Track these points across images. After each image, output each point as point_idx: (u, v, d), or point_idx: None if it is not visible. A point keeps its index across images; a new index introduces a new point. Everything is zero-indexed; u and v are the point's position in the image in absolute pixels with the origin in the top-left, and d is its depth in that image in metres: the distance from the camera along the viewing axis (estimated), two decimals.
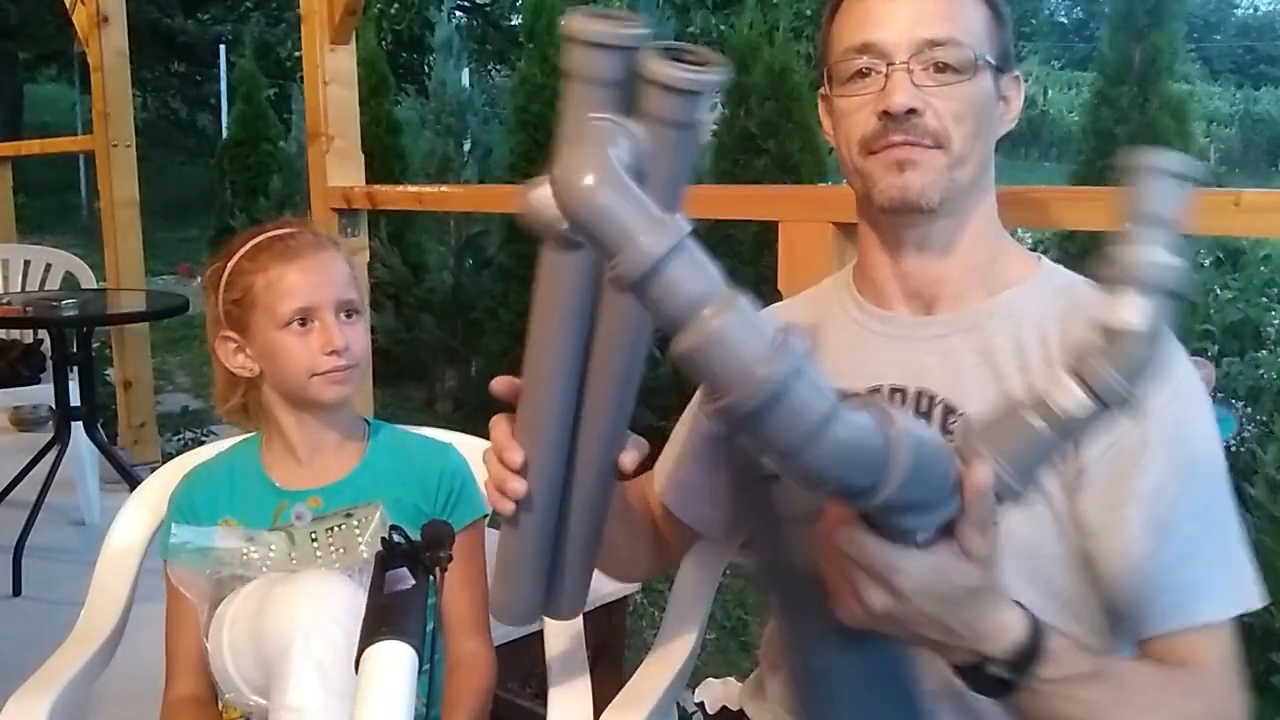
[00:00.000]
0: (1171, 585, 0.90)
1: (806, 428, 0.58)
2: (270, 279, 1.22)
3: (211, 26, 14.77)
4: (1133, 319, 0.74)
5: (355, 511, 1.24)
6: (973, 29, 0.98)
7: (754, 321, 0.58)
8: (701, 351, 0.57)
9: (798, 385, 0.58)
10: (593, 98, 0.74)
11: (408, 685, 0.90)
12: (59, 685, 1.18)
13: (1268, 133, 17.29)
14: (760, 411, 0.58)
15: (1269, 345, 4.40)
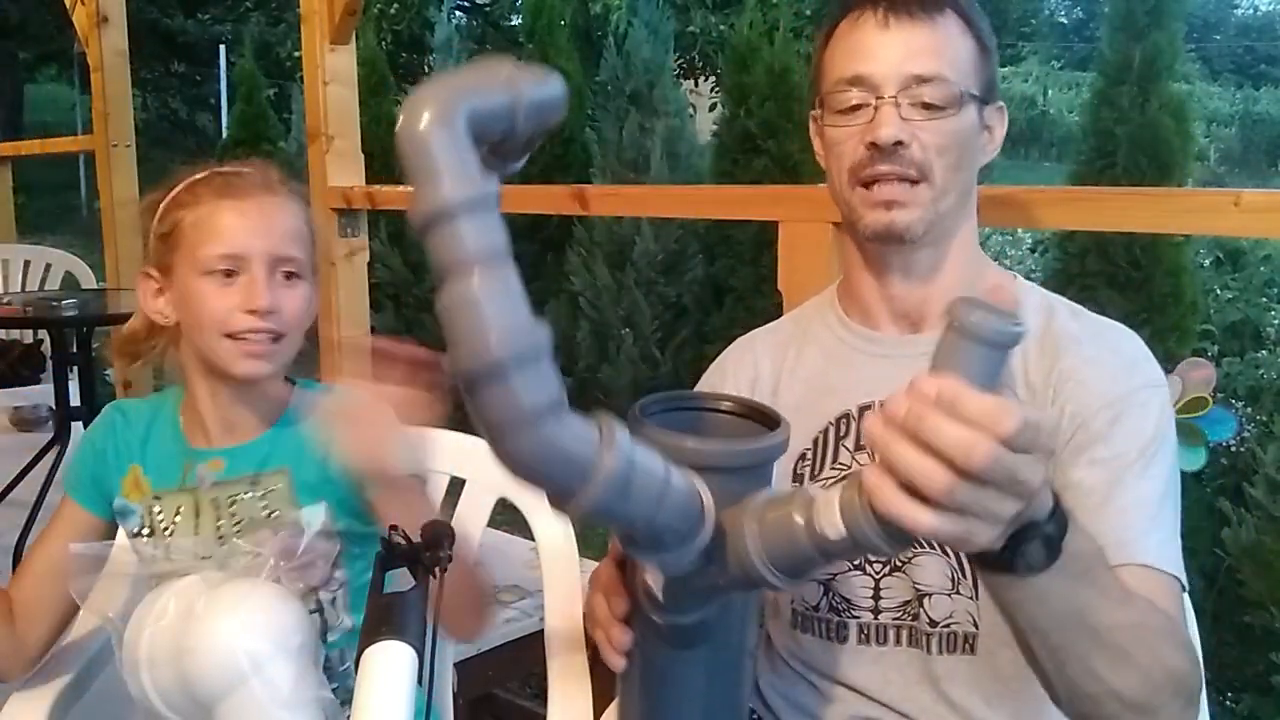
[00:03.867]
0: (1116, 525, 0.92)
1: (517, 414, 0.59)
2: (199, 216, 1.08)
3: (211, 26, 14.78)
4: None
5: (260, 480, 1.13)
6: (959, 64, 1.02)
7: (511, 299, 0.59)
8: (454, 309, 0.59)
9: (522, 373, 0.58)
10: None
11: (408, 685, 0.90)
12: (59, 685, 1.18)
13: (1268, 133, 17.29)
14: (480, 383, 0.59)
15: (1269, 345, 4.40)
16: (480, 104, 0.63)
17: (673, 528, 0.67)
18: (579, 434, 0.62)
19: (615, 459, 0.62)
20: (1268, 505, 2.58)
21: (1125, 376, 0.99)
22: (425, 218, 0.60)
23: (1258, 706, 2.37)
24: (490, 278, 0.59)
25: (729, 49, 4.75)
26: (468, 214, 0.59)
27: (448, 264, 0.59)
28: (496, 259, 0.60)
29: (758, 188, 3.05)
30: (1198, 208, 1.46)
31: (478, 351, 0.58)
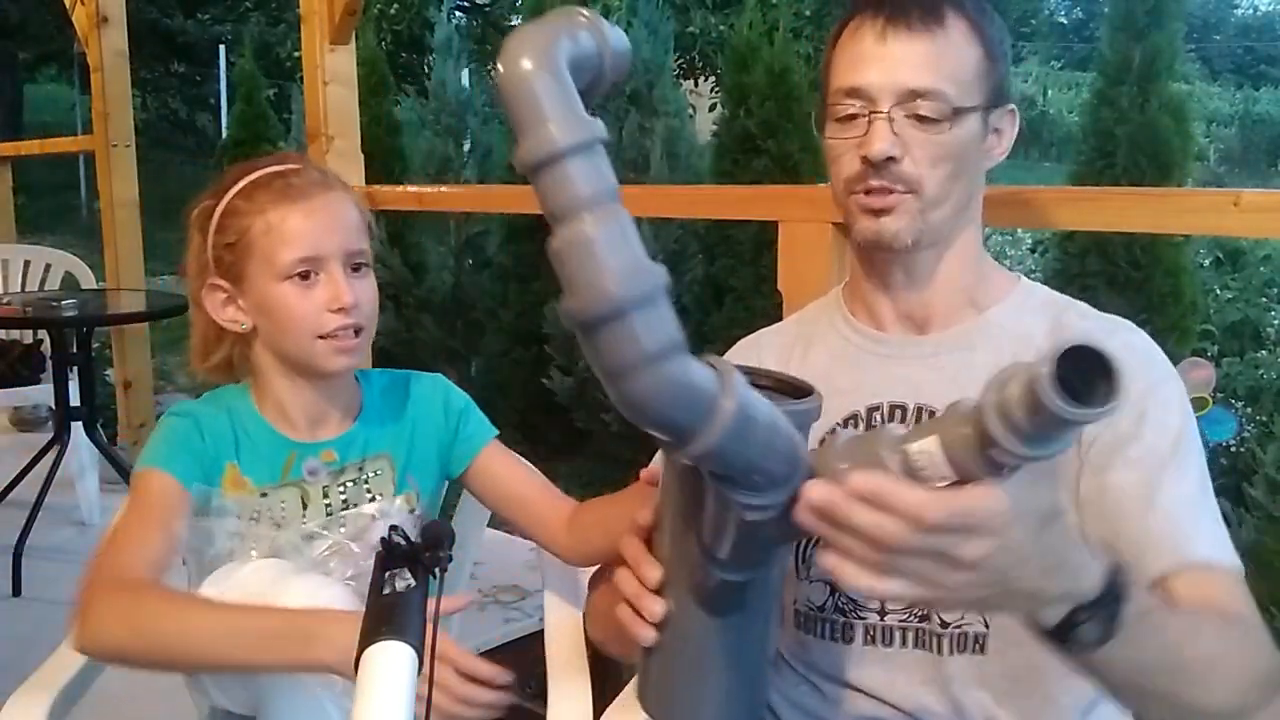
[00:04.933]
0: (1166, 529, 0.93)
1: (638, 355, 0.59)
2: (270, 222, 1.08)
3: (211, 26, 14.78)
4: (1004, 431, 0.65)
5: (367, 464, 1.18)
6: (960, 74, 1.01)
7: (627, 240, 0.59)
8: (569, 251, 0.59)
9: (642, 313, 0.59)
10: None
11: (408, 685, 0.90)
12: (59, 685, 1.18)
13: (1267, 133, 17.29)
14: (599, 325, 0.58)
15: (1269, 345, 4.40)
16: (576, 48, 0.63)
17: (775, 470, 0.68)
18: (699, 375, 0.62)
19: (735, 400, 0.62)
20: (1268, 505, 2.58)
21: (1144, 373, 0.99)
22: (536, 161, 0.59)
23: None
24: (604, 219, 0.59)
25: (729, 49, 4.74)
26: (578, 156, 0.59)
27: (560, 207, 0.59)
28: (608, 200, 0.60)
29: (758, 188, 3.05)
30: (1198, 208, 1.46)
31: (596, 293, 0.58)
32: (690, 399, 0.61)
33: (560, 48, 0.62)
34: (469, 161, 5.31)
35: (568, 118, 0.60)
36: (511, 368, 4.70)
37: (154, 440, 1.15)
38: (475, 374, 5.13)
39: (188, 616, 1.01)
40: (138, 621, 1.01)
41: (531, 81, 0.60)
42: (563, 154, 0.59)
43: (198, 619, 1.01)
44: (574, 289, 0.59)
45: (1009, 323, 1.06)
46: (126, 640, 1.01)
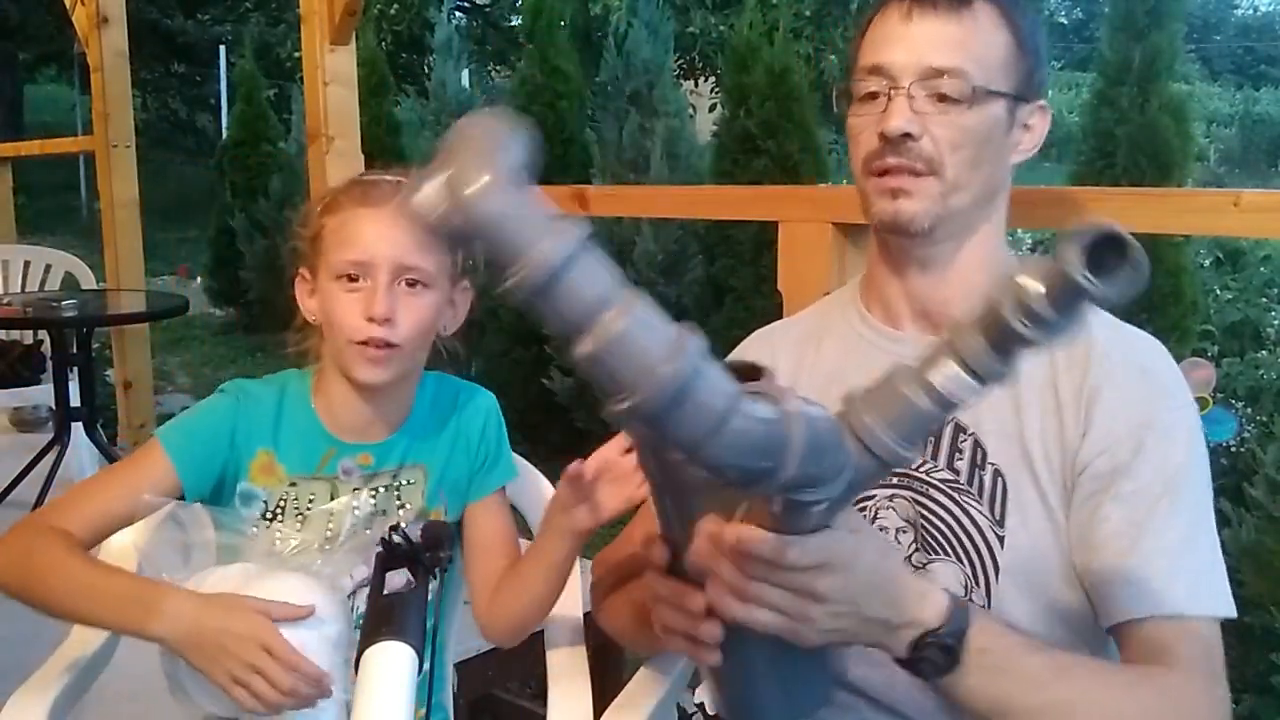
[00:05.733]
0: (1142, 575, 0.91)
1: (710, 421, 0.60)
2: (339, 221, 1.12)
3: (211, 27, 14.79)
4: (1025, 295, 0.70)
5: (402, 472, 1.19)
6: (986, 58, 0.98)
7: (653, 322, 0.59)
8: (605, 354, 0.58)
9: (699, 381, 0.59)
10: None
11: (408, 685, 0.90)
12: (59, 685, 1.18)
13: (1268, 133, 17.30)
14: (666, 409, 0.59)
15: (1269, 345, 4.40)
16: (513, 154, 0.61)
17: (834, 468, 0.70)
18: (760, 412, 0.62)
19: (801, 424, 0.64)
20: (1268, 505, 2.58)
21: (1152, 399, 0.96)
22: (536, 288, 0.58)
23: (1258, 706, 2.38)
24: (624, 316, 0.58)
25: (729, 49, 4.75)
26: (574, 265, 0.58)
27: (574, 321, 0.58)
28: (618, 295, 0.59)
29: (758, 188, 3.05)
30: (1198, 208, 1.46)
31: (651, 388, 0.58)
32: (767, 439, 0.62)
33: (504, 163, 0.60)
34: None
35: (550, 232, 0.58)
36: (511, 368, 4.70)
37: (186, 416, 1.18)
38: (475, 374, 5.13)
39: (63, 564, 1.06)
40: (24, 558, 1.07)
41: (499, 209, 0.58)
42: (560, 268, 0.57)
43: (68, 569, 1.06)
44: (628, 387, 0.58)
45: None
46: (9, 572, 1.09)
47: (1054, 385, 0.98)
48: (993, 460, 0.98)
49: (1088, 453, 0.95)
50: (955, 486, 0.99)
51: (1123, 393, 0.96)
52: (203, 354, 7.25)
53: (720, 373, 0.61)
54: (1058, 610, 0.96)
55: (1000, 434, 0.98)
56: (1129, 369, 0.97)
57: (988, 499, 0.98)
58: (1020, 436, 0.98)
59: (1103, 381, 0.96)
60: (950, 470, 1.00)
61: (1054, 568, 0.96)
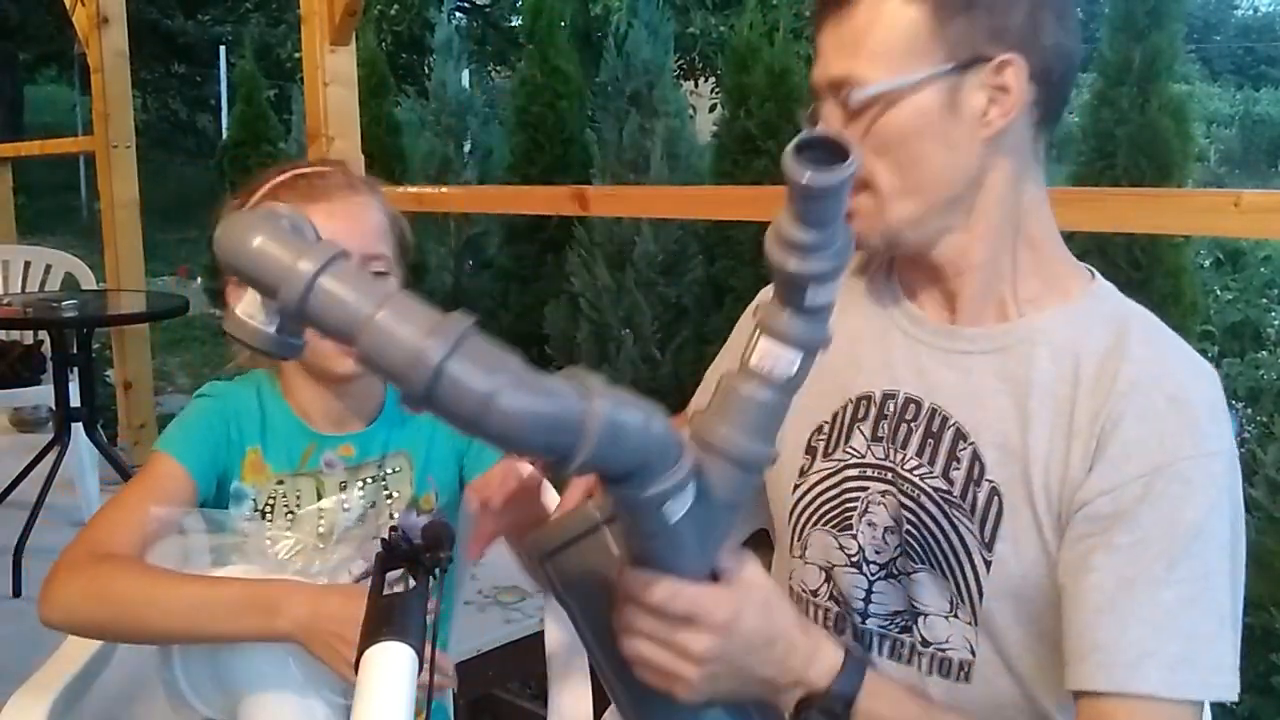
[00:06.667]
0: (1116, 643, 0.81)
1: (478, 399, 0.60)
2: None
3: (211, 27, 14.79)
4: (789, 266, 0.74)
5: (386, 461, 1.19)
6: (889, 48, 0.87)
7: (412, 311, 0.61)
8: (372, 351, 0.60)
9: (459, 359, 0.59)
10: None
11: (408, 686, 0.90)
12: (59, 685, 1.18)
13: (1268, 133, 17.30)
14: (431, 390, 0.59)
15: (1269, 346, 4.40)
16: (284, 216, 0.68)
17: (661, 460, 0.69)
18: (547, 389, 0.62)
19: (602, 407, 0.63)
20: (1268, 505, 2.59)
21: (1176, 437, 0.83)
22: (295, 305, 0.62)
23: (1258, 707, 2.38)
24: (380, 310, 0.61)
25: (729, 50, 4.74)
26: (325, 275, 0.61)
27: (340, 329, 0.61)
28: (373, 295, 0.61)
29: (758, 188, 3.05)
30: (1198, 208, 1.46)
31: (413, 373, 0.59)
32: (552, 419, 0.62)
33: (263, 212, 0.67)
34: (469, 162, 5.32)
35: (307, 253, 0.62)
36: None
37: (177, 422, 1.16)
38: None
39: (154, 586, 1.03)
40: (103, 591, 1.03)
41: (254, 240, 0.64)
42: (313, 279, 0.61)
43: (164, 588, 1.02)
44: (396, 378, 0.60)
45: (1059, 332, 0.91)
46: (92, 609, 1.04)
47: (1072, 405, 0.88)
48: (991, 476, 0.90)
49: (1090, 490, 0.85)
50: (947, 498, 0.92)
51: (1143, 427, 0.84)
52: (203, 354, 7.26)
53: (492, 350, 0.62)
54: (1049, 637, 0.89)
55: (1002, 448, 0.90)
56: (1156, 399, 0.85)
57: (979, 518, 0.90)
58: (1023, 454, 0.89)
59: (1124, 411, 0.85)
60: (945, 479, 0.93)
61: (1045, 597, 0.88)
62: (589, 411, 0.63)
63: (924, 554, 0.94)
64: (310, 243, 0.64)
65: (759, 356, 0.75)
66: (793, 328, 0.74)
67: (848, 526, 0.99)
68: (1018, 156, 0.92)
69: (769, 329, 0.75)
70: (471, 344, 0.60)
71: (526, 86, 5.01)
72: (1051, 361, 0.90)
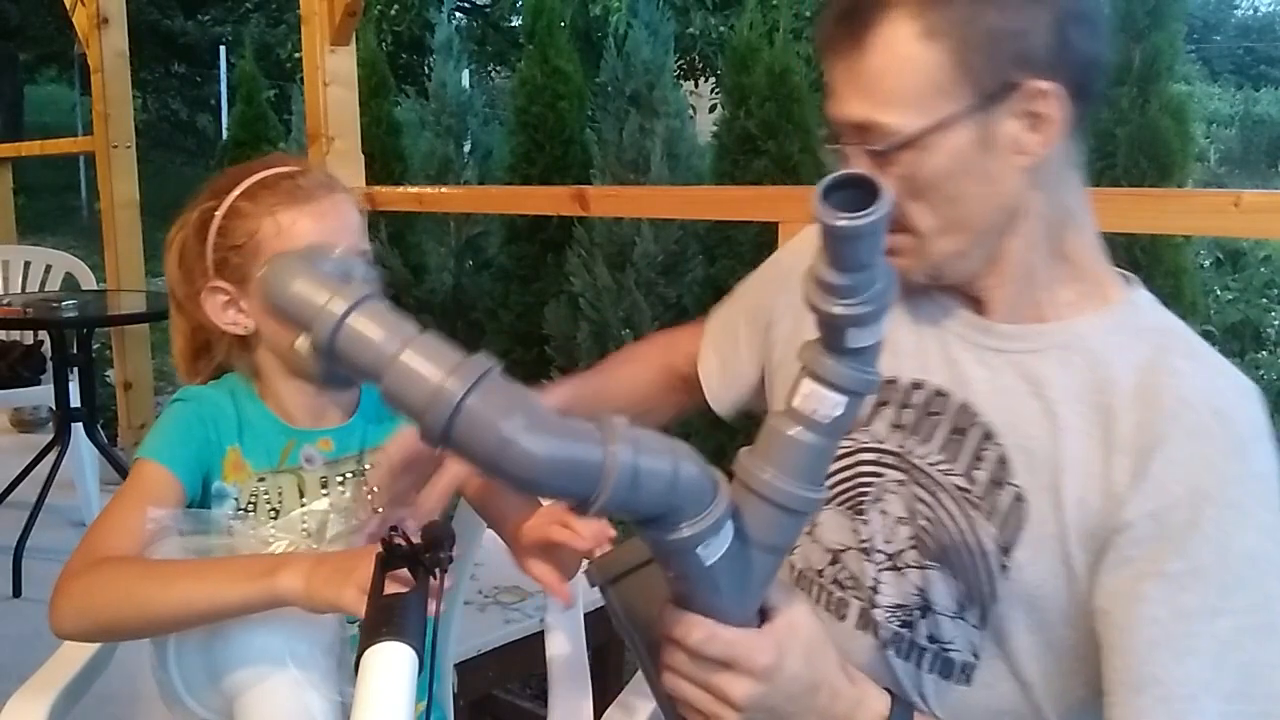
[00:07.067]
0: (1173, 676, 0.78)
1: (498, 439, 0.61)
2: (280, 224, 1.08)
3: (211, 28, 14.79)
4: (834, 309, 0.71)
5: (365, 456, 1.19)
6: (908, 90, 0.82)
7: (435, 351, 0.62)
8: (394, 389, 0.62)
9: (480, 397, 0.61)
10: None
11: (408, 686, 0.90)
12: (59, 685, 1.18)
13: (1268, 133, 17.29)
14: (449, 429, 0.61)
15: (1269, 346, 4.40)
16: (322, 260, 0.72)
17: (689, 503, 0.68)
18: (566, 432, 0.63)
19: (622, 452, 0.63)
20: None
21: (1222, 459, 0.80)
22: (325, 340, 0.64)
23: None
24: (405, 349, 0.62)
25: (729, 50, 4.74)
26: (355, 315, 0.63)
27: (365, 366, 0.63)
28: (399, 334, 0.63)
29: (758, 189, 3.05)
30: (1198, 208, 1.46)
31: (431, 410, 0.60)
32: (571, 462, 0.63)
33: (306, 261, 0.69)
34: (469, 162, 5.32)
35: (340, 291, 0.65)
36: (512, 369, 4.56)
37: (156, 429, 1.16)
38: None
39: (152, 574, 1.02)
40: (105, 589, 1.02)
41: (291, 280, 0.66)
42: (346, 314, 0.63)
43: (162, 573, 1.02)
44: (416, 415, 0.62)
45: (1096, 340, 0.88)
46: (98, 611, 1.02)
47: (1109, 414, 0.84)
48: (1015, 481, 0.87)
49: (1135, 510, 0.81)
50: (967, 497, 0.90)
51: (1191, 445, 0.81)
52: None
53: (516, 391, 0.63)
54: (1057, 647, 0.88)
55: (1030, 452, 0.87)
56: (1204, 416, 0.82)
57: (999, 521, 0.88)
58: (1054, 462, 0.86)
59: (1171, 428, 0.81)
60: (967, 478, 0.90)
61: (1059, 609, 0.86)
62: (608, 456, 0.63)
63: (937, 551, 0.92)
64: (345, 284, 0.66)
65: (803, 398, 0.72)
66: (836, 371, 0.72)
67: (861, 511, 0.97)
68: (1057, 172, 0.89)
69: (812, 371, 0.73)
70: (491, 384, 0.61)
71: (526, 86, 5.01)
72: (1088, 370, 0.87)
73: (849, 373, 0.72)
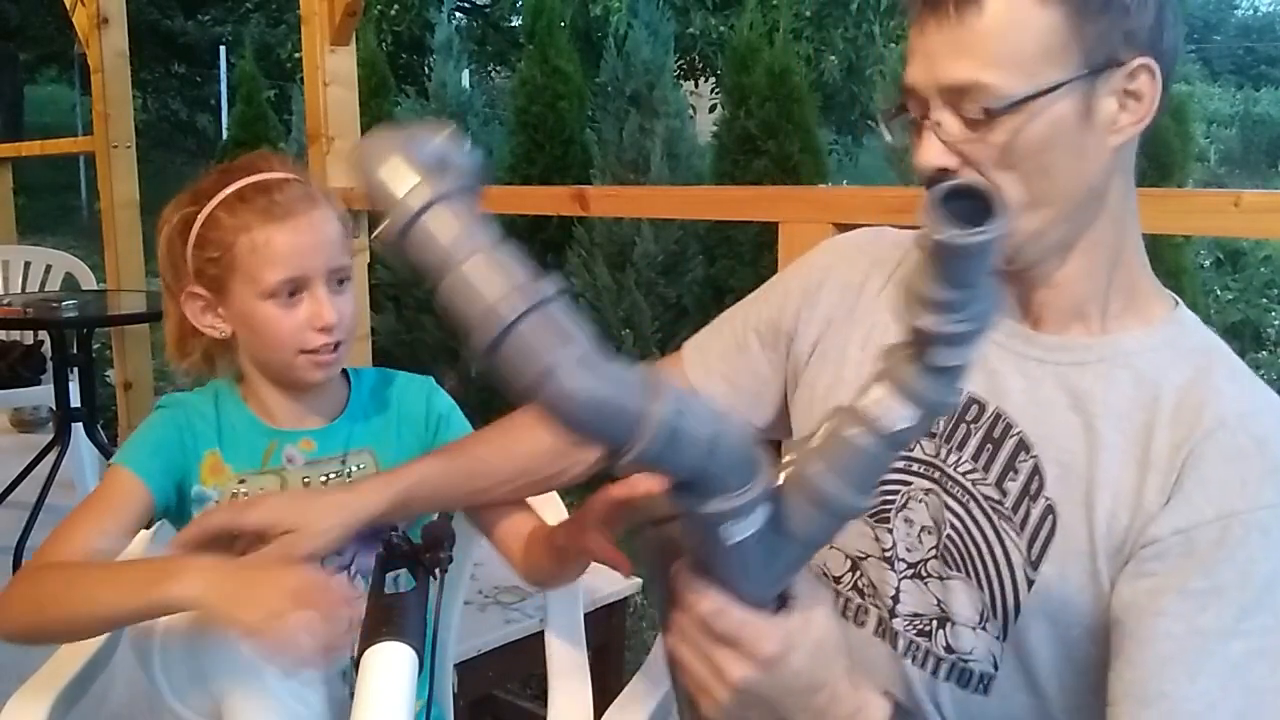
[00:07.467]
0: (1184, 692, 0.78)
1: (541, 367, 0.59)
2: (255, 241, 1.08)
3: (211, 28, 14.79)
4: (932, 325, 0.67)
5: (349, 458, 1.18)
6: (1019, 54, 0.81)
7: (502, 265, 0.60)
8: (452, 293, 0.60)
9: (534, 323, 0.59)
10: None
11: (408, 686, 0.90)
12: (59, 685, 1.18)
13: (1268, 133, 17.31)
14: (496, 348, 0.59)
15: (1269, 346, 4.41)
16: (421, 143, 0.65)
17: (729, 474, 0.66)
18: (612, 374, 0.61)
19: (664, 394, 0.61)
20: None
21: (1256, 484, 0.80)
22: (396, 233, 0.61)
23: None
24: (472, 256, 0.60)
25: (729, 50, 4.75)
26: (431, 211, 0.61)
27: (431, 264, 0.61)
28: (471, 239, 0.61)
29: (758, 189, 3.05)
30: (1198, 208, 1.46)
31: (484, 325, 0.59)
32: (612, 403, 0.61)
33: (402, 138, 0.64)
34: None
35: (414, 182, 0.62)
36: None
37: (133, 436, 1.16)
38: (475, 375, 5.13)
39: (75, 578, 1.03)
40: (35, 593, 1.03)
41: (376, 161, 0.62)
42: (420, 211, 0.61)
43: (82, 577, 1.03)
44: (468, 326, 0.60)
45: (1142, 357, 0.87)
46: (30, 615, 1.03)
47: (1149, 433, 0.84)
48: (1049, 494, 0.87)
49: (1163, 526, 0.81)
50: (997, 508, 0.89)
51: (1227, 468, 0.81)
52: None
53: (571, 321, 0.61)
54: (1079, 663, 0.87)
55: (1065, 466, 0.86)
56: (1242, 439, 0.82)
57: (1029, 534, 0.87)
58: (1088, 477, 0.85)
59: (1208, 448, 0.81)
60: (998, 489, 0.89)
61: (1083, 624, 0.86)
62: (650, 410, 0.61)
63: (961, 561, 0.91)
64: (435, 174, 0.62)
65: (871, 402, 0.69)
66: (913, 383, 0.68)
67: (884, 519, 0.96)
68: (1129, 164, 0.88)
69: (890, 377, 0.69)
70: (549, 311, 0.59)
71: (526, 87, 5.01)
72: (1132, 387, 0.86)
73: (928, 390, 0.68)
